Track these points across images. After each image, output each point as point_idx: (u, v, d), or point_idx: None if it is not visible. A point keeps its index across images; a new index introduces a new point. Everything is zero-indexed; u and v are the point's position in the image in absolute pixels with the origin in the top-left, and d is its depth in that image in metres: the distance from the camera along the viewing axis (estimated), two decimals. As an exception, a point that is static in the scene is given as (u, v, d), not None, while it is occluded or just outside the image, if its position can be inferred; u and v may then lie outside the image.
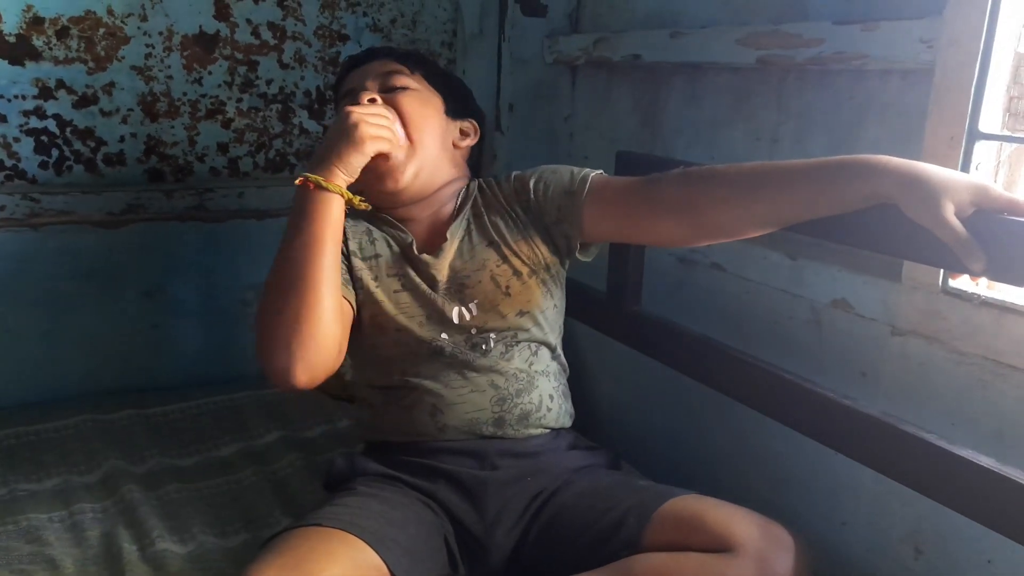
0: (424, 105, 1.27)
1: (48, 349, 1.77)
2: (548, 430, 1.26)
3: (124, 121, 1.79)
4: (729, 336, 1.41)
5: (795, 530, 1.05)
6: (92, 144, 1.78)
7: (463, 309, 1.23)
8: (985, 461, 0.97)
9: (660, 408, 1.69)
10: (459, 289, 1.24)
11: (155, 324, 1.86)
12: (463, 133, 1.35)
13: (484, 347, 1.22)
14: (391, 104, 1.23)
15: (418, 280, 1.25)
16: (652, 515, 1.07)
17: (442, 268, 1.24)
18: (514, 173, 1.32)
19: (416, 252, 1.25)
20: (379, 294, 1.23)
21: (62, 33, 1.70)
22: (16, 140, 1.72)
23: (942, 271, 1.14)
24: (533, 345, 1.26)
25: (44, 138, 1.74)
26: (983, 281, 1.13)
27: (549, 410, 1.25)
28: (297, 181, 1.14)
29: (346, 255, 1.24)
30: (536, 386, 1.24)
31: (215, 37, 1.83)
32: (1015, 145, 1.13)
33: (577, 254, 1.28)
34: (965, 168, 1.11)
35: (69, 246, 1.74)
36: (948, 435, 1.05)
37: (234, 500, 1.45)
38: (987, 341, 1.10)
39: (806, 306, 1.35)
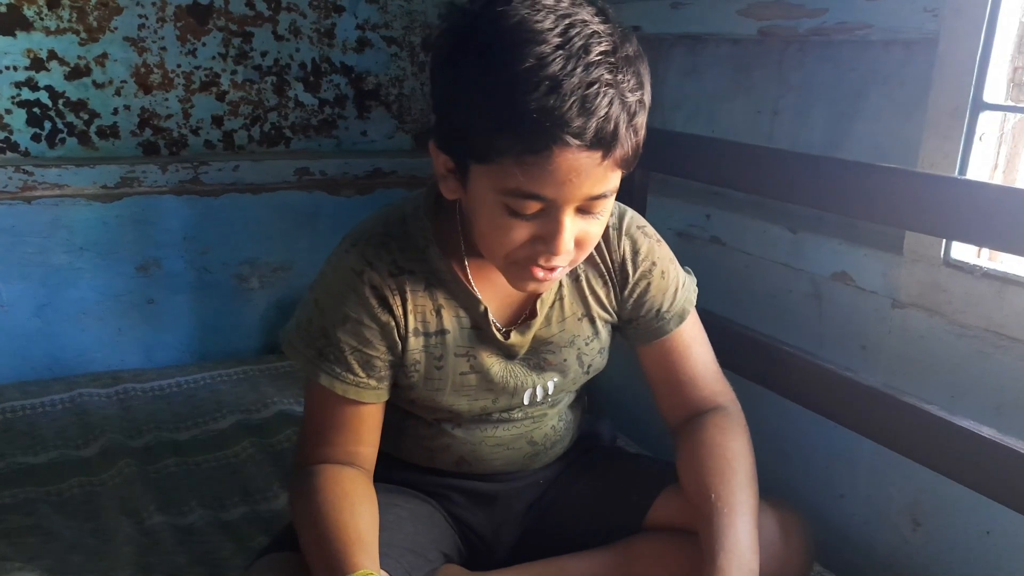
0: (608, 218, 0.92)
1: (43, 323, 1.76)
2: None
3: (117, 93, 1.77)
4: (729, 310, 1.40)
5: (797, 511, 1.04)
6: (85, 116, 1.76)
7: (538, 389, 1.03)
8: (986, 431, 0.98)
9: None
10: (539, 363, 1.02)
11: (150, 298, 1.85)
12: None
13: (538, 406, 1.06)
14: (580, 240, 0.85)
15: (491, 362, 0.99)
16: (655, 498, 1.06)
17: (525, 342, 1.00)
18: (625, 227, 1.02)
19: (494, 327, 0.98)
20: (438, 381, 0.98)
21: (53, 3, 1.68)
22: (8, 112, 1.70)
23: (944, 243, 1.14)
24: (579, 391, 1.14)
25: (36, 110, 1.72)
26: (985, 252, 1.13)
27: (572, 440, 1.16)
28: None
29: (403, 336, 0.95)
30: (570, 429, 1.12)
31: (209, 8, 1.81)
32: (1019, 116, 1.12)
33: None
34: (969, 139, 1.10)
35: (63, 219, 1.73)
36: (948, 407, 1.05)
37: (232, 474, 1.45)
38: (988, 313, 1.09)
39: (806, 279, 1.35)
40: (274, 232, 1.93)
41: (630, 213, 1.04)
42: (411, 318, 0.95)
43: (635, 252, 1.02)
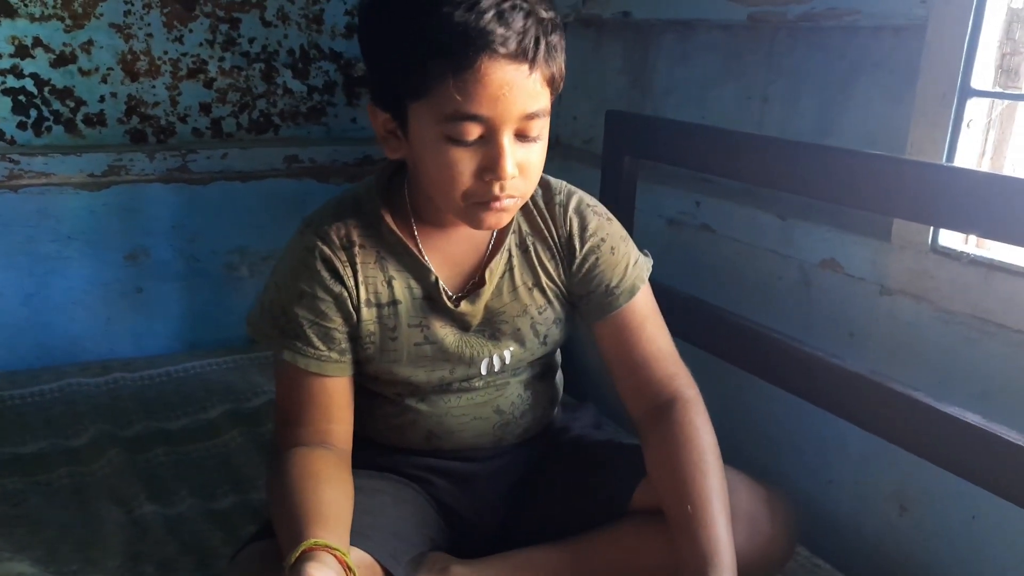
0: (545, 145, 0.94)
1: (31, 313, 1.75)
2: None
3: (104, 80, 1.76)
4: (718, 297, 1.40)
5: (782, 489, 1.05)
6: (71, 104, 1.75)
7: (495, 359, 1.05)
8: (972, 418, 0.98)
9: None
10: (493, 333, 1.04)
11: (139, 287, 1.84)
12: None
13: (498, 375, 1.08)
14: (522, 166, 0.89)
15: (444, 332, 1.02)
16: (638, 483, 1.06)
17: (476, 312, 1.02)
18: (573, 204, 1.04)
19: (444, 296, 1.01)
20: (393, 353, 1.01)
21: (38, -11, 1.66)
22: (-8, 100, 1.68)
23: (931, 230, 1.14)
24: (545, 360, 1.14)
25: (22, 98, 1.70)
26: (972, 239, 1.13)
27: (547, 415, 1.17)
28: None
29: (355, 307, 0.98)
30: (540, 401, 1.13)
31: (195, -6, 1.80)
32: (1006, 103, 1.12)
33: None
34: (956, 126, 1.10)
35: (50, 208, 1.72)
36: (935, 394, 1.05)
37: (222, 463, 1.44)
38: (975, 300, 1.10)
39: (795, 266, 1.35)
40: (263, 220, 1.92)
41: (580, 193, 1.07)
42: (362, 289, 0.98)
43: (583, 228, 1.04)
